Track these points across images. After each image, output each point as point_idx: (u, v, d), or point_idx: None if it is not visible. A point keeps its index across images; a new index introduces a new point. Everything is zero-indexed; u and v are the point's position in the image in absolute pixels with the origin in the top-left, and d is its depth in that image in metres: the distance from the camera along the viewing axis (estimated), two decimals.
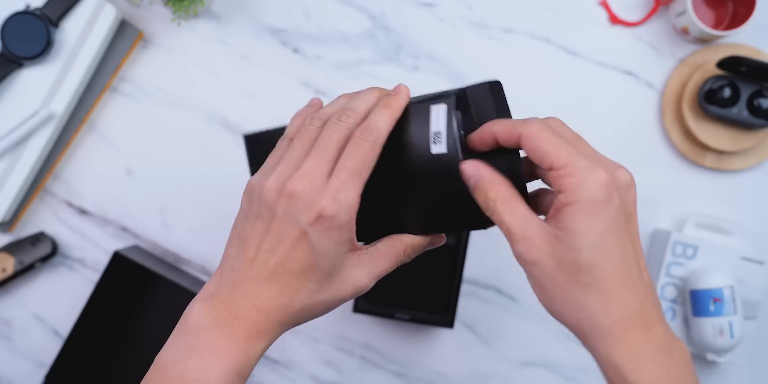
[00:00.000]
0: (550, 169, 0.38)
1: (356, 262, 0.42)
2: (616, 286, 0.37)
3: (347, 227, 0.40)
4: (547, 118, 0.41)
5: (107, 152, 0.81)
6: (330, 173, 0.40)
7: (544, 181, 0.42)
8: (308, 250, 0.40)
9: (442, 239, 0.46)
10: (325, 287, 0.41)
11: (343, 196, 0.39)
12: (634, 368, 0.37)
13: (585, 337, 0.38)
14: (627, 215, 0.38)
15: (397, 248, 0.44)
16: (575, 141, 0.39)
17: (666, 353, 0.37)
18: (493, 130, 0.40)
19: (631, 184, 0.38)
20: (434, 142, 0.41)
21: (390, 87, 0.81)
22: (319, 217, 0.39)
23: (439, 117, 0.41)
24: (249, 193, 0.42)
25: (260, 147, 0.47)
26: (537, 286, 0.39)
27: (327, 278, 0.41)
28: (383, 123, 0.41)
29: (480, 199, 0.40)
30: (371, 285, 0.43)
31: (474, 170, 0.40)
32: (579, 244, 0.36)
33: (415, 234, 0.45)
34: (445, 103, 0.41)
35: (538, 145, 0.38)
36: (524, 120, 0.40)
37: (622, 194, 0.38)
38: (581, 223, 0.36)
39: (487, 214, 0.40)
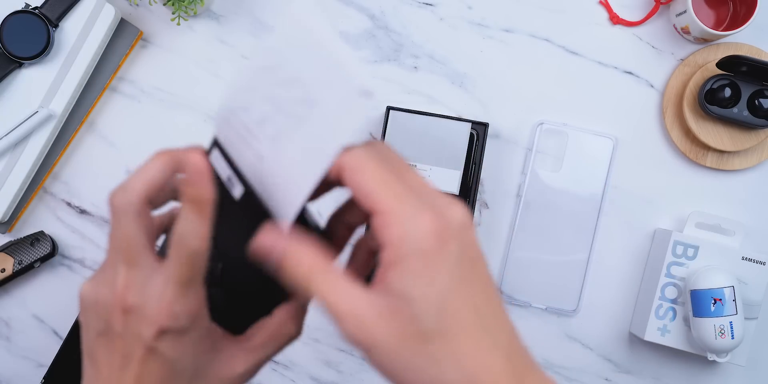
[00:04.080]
0: (372, 214, 0.31)
1: (229, 357, 0.38)
2: (473, 349, 0.31)
3: (195, 329, 0.36)
4: (372, 143, 0.34)
5: (107, 152, 0.81)
6: (152, 269, 0.36)
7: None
8: (162, 362, 0.36)
9: (307, 297, 0.39)
10: None
11: (179, 308, 0.35)
12: None
13: None
14: (470, 261, 0.32)
15: (275, 333, 0.39)
16: (404, 171, 0.33)
17: None
18: None
19: (467, 223, 0.32)
20: (233, 186, 0.38)
21: (390, 86, 0.81)
22: (162, 332, 0.35)
23: (219, 165, 0.38)
24: (83, 306, 0.38)
25: None
26: (383, 370, 0.32)
27: (196, 380, 0.38)
28: (191, 233, 0.35)
29: (286, 280, 0.34)
30: (252, 375, 0.39)
31: (269, 244, 0.34)
32: (419, 312, 0.30)
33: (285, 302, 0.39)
34: (215, 150, 0.39)
35: (360, 180, 0.32)
36: (347, 148, 0.33)
37: (460, 237, 0.31)
38: (416, 285, 0.30)
39: (300, 294, 0.35)
